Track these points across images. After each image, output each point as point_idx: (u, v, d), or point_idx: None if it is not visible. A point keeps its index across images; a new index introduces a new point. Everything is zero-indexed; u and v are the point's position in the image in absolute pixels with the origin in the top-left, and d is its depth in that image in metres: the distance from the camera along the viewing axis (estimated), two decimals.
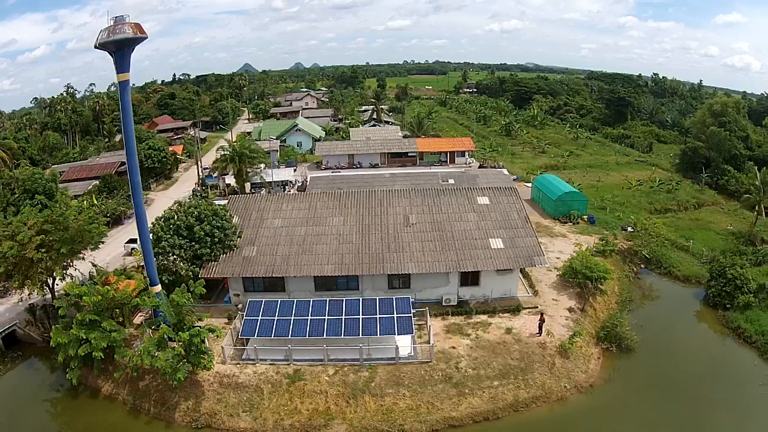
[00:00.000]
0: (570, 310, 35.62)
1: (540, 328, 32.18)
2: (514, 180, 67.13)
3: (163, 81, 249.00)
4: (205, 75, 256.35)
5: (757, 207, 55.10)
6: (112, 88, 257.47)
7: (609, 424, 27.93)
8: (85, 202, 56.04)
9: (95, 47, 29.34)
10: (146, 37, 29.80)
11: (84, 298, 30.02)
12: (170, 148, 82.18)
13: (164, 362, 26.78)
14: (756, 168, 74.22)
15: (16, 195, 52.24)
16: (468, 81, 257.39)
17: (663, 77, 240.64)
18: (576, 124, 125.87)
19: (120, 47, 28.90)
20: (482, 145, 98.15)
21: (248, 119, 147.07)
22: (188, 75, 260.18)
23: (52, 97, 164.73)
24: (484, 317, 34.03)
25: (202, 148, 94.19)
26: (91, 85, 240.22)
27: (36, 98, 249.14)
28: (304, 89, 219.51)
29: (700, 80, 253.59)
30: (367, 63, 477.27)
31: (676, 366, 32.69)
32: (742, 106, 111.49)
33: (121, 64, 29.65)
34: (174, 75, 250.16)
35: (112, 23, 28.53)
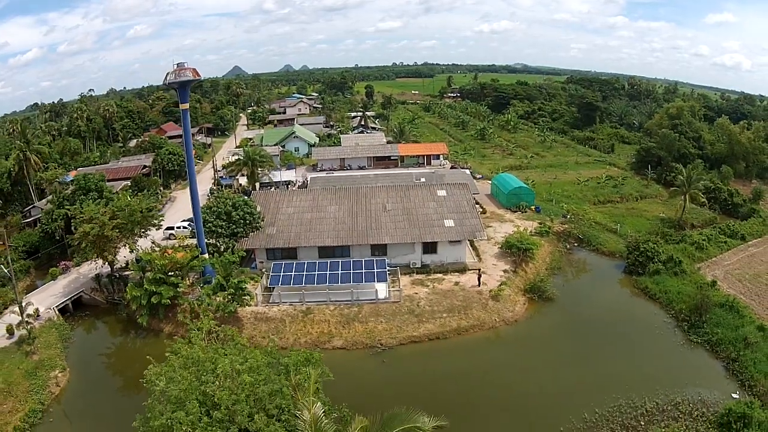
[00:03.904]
0: (505, 271, 47.86)
1: (479, 281, 44.54)
2: (479, 178, 78.78)
3: (159, 87, 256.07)
4: (200, 81, 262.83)
5: (683, 197, 64.68)
6: (111, 93, 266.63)
7: (529, 346, 38.54)
8: (121, 201, 67.02)
9: (163, 85, 41.75)
10: (201, 79, 42.15)
11: (155, 261, 42.17)
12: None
13: (219, 301, 39.05)
14: (703, 164, 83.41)
15: (69, 191, 62.84)
16: (452, 86, 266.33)
17: (639, 80, 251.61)
18: (546, 128, 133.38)
19: (182, 86, 41.28)
20: (457, 149, 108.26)
21: (246, 125, 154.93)
22: None
23: (52, 102, 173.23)
24: (439, 275, 46.44)
25: (209, 152, 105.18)
26: (90, 90, 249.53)
27: (36, 104, 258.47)
28: (297, 95, 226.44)
29: (675, 82, 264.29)
30: (356, 65, 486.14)
31: (588, 312, 43.16)
32: (698, 110, 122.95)
33: (183, 97, 42.10)
34: None
35: (176, 68, 40.70)
